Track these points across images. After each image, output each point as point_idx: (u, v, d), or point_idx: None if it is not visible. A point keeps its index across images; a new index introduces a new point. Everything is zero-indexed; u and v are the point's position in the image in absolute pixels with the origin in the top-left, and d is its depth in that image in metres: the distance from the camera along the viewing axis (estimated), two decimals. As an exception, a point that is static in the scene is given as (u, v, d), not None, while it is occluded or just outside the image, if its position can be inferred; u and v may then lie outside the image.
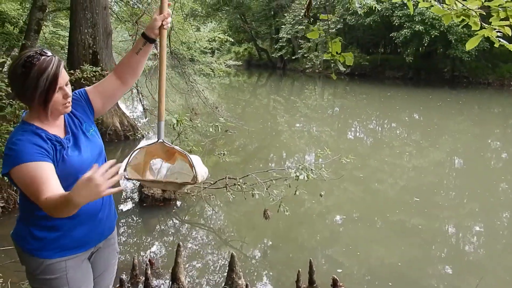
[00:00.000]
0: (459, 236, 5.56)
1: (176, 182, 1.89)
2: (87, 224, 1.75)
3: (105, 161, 1.87)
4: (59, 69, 1.57)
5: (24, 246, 1.73)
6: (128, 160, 1.84)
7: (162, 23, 1.81)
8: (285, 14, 31.04)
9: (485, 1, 1.75)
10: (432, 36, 21.97)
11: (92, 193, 1.36)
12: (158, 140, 1.88)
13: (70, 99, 1.66)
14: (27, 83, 1.54)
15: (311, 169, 4.88)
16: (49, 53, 1.60)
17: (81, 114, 1.82)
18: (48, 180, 1.53)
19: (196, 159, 1.88)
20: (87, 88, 1.88)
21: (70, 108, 1.68)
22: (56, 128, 1.70)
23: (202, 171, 1.87)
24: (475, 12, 1.77)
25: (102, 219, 1.82)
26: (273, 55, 37.34)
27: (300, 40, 31.63)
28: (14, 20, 10.18)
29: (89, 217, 1.74)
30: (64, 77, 1.61)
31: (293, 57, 33.44)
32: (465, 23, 1.86)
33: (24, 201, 1.71)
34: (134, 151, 1.86)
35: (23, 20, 10.90)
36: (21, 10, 12.49)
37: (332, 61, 2.35)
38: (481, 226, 5.75)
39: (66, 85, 1.63)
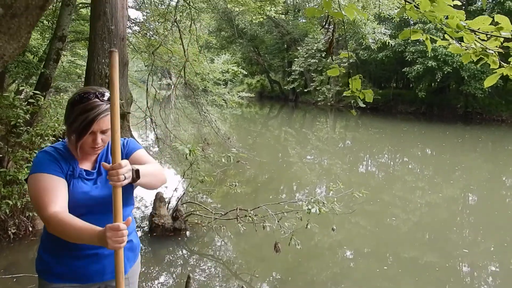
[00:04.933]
0: (473, 275, 5.41)
1: None
2: (85, 257, 1.75)
3: (132, 202, 1.89)
4: (99, 116, 1.61)
5: (35, 265, 1.81)
6: None
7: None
8: (298, 48, 31.49)
9: (504, 42, 1.76)
10: (445, 72, 22.05)
11: (107, 244, 1.46)
12: None
13: (98, 146, 1.69)
14: (69, 115, 1.64)
15: (323, 202, 4.84)
16: (106, 98, 1.64)
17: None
18: (58, 195, 1.59)
19: None
20: (137, 150, 1.86)
21: (98, 152, 1.75)
22: (84, 159, 1.76)
23: None
24: (494, 51, 1.77)
25: (103, 255, 1.78)
26: (285, 87, 37.70)
27: (312, 73, 31.95)
28: (35, 49, 10.46)
29: (87, 250, 1.74)
30: (101, 125, 1.63)
31: (305, 90, 33.73)
32: (483, 62, 1.87)
33: None
34: None
35: (43, 49, 11.19)
36: (41, 40, 12.86)
37: (352, 98, 2.35)
38: (496, 266, 5.59)
39: (103, 132, 1.66)
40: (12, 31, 1.99)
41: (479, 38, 1.80)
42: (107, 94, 1.66)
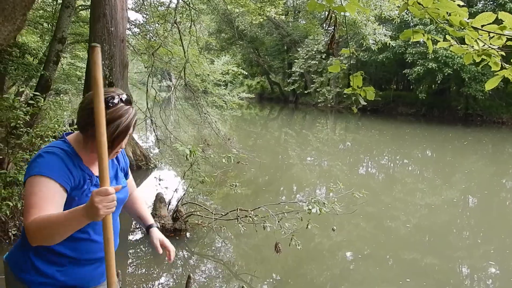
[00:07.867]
0: (473, 278, 5.40)
1: None
2: (93, 262, 1.69)
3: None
4: (133, 121, 1.57)
5: (27, 281, 1.60)
6: None
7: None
8: (298, 49, 31.52)
9: (507, 41, 1.74)
10: (445, 74, 22.01)
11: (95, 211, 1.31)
12: None
13: (120, 150, 1.65)
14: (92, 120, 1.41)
15: (324, 203, 4.84)
16: (127, 101, 1.59)
17: (123, 164, 1.86)
18: (52, 208, 1.44)
19: None
20: (128, 178, 1.96)
21: (114, 156, 1.68)
22: (93, 164, 1.65)
23: None
24: (497, 51, 1.76)
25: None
26: (285, 89, 37.70)
27: (312, 75, 31.96)
28: (34, 51, 10.48)
29: (95, 254, 1.68)
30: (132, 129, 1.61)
31: (306, 91, 33.76)
32: (485, 63, 1.85)
33: None
34: None
35: (43, 51, 11.20)
36: (40, 42, 12.88)
37: (353, 95, 2.34)
38: (496, 268, 5.58)
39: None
40: (6, 12, 1.89)
41: (481, 36, 1.79)
42: (125, 97, 1.58)
